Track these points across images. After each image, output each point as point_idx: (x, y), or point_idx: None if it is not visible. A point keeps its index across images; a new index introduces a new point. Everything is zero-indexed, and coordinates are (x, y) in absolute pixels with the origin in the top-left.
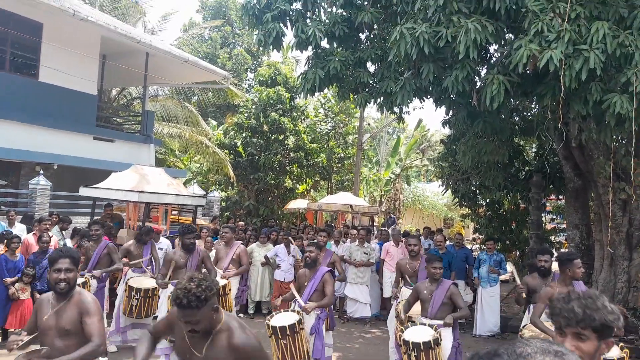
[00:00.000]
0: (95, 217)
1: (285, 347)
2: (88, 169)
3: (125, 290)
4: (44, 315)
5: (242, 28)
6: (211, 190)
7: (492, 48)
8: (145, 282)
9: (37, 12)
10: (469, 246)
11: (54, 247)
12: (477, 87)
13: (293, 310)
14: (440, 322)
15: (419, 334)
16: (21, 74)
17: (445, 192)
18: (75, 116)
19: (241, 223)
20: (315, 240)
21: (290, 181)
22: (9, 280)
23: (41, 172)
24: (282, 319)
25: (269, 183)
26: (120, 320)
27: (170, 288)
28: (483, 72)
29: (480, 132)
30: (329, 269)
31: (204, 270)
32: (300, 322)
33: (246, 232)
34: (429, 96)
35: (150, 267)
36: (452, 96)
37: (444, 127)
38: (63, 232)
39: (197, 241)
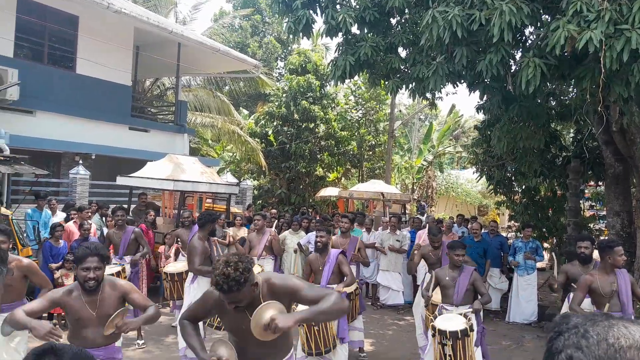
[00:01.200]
0: (131, 206)
1: (318, 332)
2: (124, 158)
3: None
4: (77, 310)
5: (271, 16)
6: (244, 179)
7: (528, 30)
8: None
9: (73, 5)
10: (504, 234)
11: (93, 234)
12: (512, 70)
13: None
14: (466, 307)
15: (451, 322)
16: (59, 67)
17: (479, 179)
18: (111, 107)
19: (273, 211)
20: (326, 226)
21: (321, 169)
22: (54, 265)
23: (80, 162)
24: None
25: (300, 171)
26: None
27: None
28: (518, 55)
29: (515, 117)
30: (341, 250)
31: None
32: None
33: (279, 219)
34: (462, 81)
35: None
36: (486, 80)
37: (477, 113)
38: (103, 218)
39: (231, 228)
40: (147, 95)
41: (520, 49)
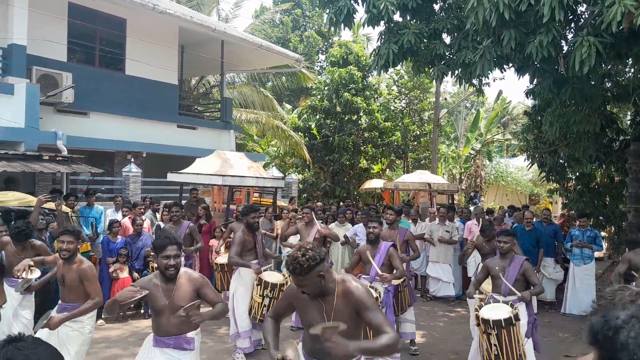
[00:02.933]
0: (182, 201)
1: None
2: (173, 155)
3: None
4: (155, 297)
5: (312, 10)
6: (289, 173)
7: (580, 8)
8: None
9: (121, 9)
10: (557, 222)
11: (147, 229)
12: (564, 51)
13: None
14: (515, 297)
15: (496, 311)
16: (110, 69)
17: (530, 167)
18: (160, 106)
19: (319, 204)
20: (379, 217)
21: (365, 161)
22: (110, 260)
23: (132, 160)
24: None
25: (344, 164)
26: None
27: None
28: (570, 35)
29: (568, 100)
30: (392, 242)
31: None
32: (376, 299)
33: (325, 212)
34: (510, 65)
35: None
36: (536, 63)
37: (527, 98)
38: (156, 213)
39: (278, 221)
40: (193, 93)
41: (573, 28)
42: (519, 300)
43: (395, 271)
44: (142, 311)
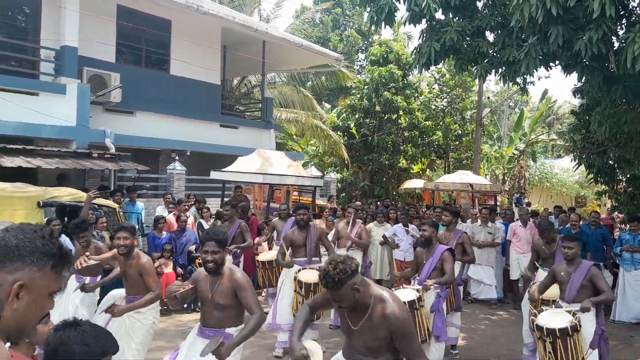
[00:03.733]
0: (226, 199)
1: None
2: (216, 154)
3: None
4: (202, 288)
5: (352, 9)
6: (327, 172)
7: (633, 3)
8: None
9: (166, 10)
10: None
11: (191, 226)
12: (614, 48)
13: (413, 288)
14: (579, 306)
15: (554, 319)
16: (155, 69)
17: (577, 168)
18: (203, 106)
19: (358, 203)
20: (432, 219)
21: (404, 161)
22: (155, 255)
23: (176, 158)
24: (401, 295)
25: (383, 163)
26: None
27: (295, 268)
28: (622, 31)
29: (618, 99)
30: (448, 247)
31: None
32: (420, 299)
33: (364, 211)
34: (557, 62)
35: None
36: (585, 60)
37: (574, 96)
38: (200, 211)
39: (317, 220)
40: (235, 93)
41: (624, 24)
42: (580, 310)
43: (444, 276)
44: (185, 305)
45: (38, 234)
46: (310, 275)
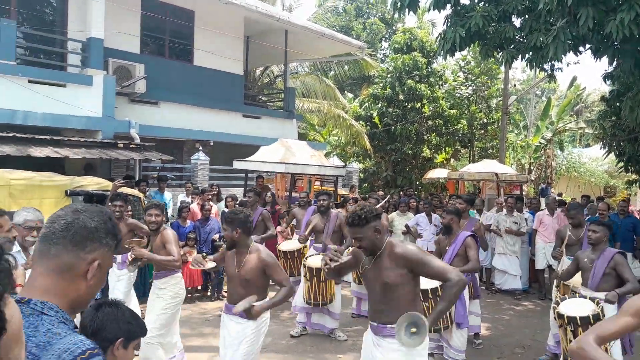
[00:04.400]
0: (249, 187)
1: (428, 310)
2: (239, 144)
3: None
4: (228, 264)
5: None
6: (350, 162)
7: None
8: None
9: (189, 1)
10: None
11: (215, 215)
12: None
13: None
14: (602, 295)
15: (577, 307)
16: (179, 60)
17: (606, 156)
18: (226, 96)
19: (380, 193)
20: (450, 207)
21: (428, 150)
22: (180, 243)
23: (200, 148)
24: (425, 282)
25: (406, 153)
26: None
27: (311, 251)
28: None
29: None
30: (471, 233)
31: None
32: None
33: (378, 202)
34: (586, 47)
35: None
36: (616, 44)
37: (605, 82)
38: (219, 202)
39: (340, 210)
40: (258, 83)
41: None
42: (605, 301)
43: (468, 263)
44: (208, 293)
45: (107, 216)
46: (317, 261)
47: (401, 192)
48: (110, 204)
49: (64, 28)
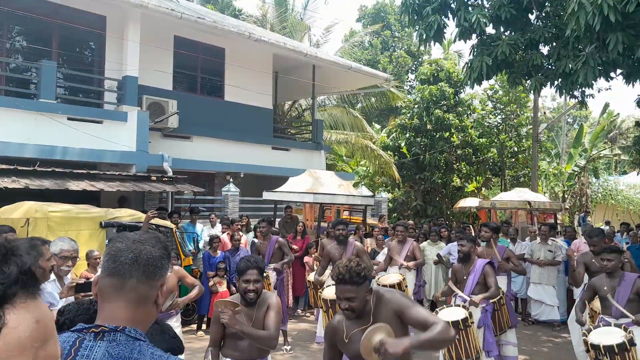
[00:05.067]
0: (277, 219)
1: (459, 342)
2: (268, 175)
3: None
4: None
5: (401, 30)
6: (378, 192)
7: None
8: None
9: (220, 39)
10: None
11: (244, 245)
12: None
13: (457, 305)
14: (628, 319)
15: (607, 335)
16: (210, 96)
17: None
18: (256, 129)
19: (410, 222)
20: (467, 234)
21: (458, 179)
22: (210, 274)
23: (231, 180)
24: (450, 314)
25: (436, 182)
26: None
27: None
28: None
29: None
30: (488, 260)
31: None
32: (467, 318)
33: (416, 230)
34: (617, 72)
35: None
36: None
37: (638, 107)
38: (248, 232)
39: (368, 240)
40: (286, 116)
41: None
42: (633, 324)
43: (490, 290)
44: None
45: (164, 241)
46: (332, 292)
47: (431, 222)
48: None
49: (101, 67)
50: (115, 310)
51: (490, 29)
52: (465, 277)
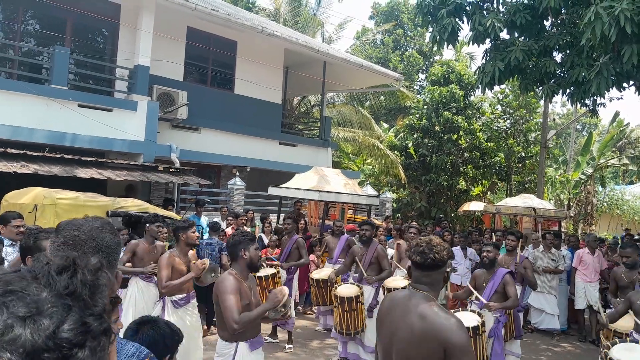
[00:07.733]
0: (282, 215)
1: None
2: (274, 170)
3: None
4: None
5: (413, 30)
6: (383, 192)
7: None
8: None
9: (233, 32)
10: None
11: None
12: None
13: (472, 311)
14: None
15: (631, 352)
16: (220, 88)
17: None
18: (264, 124)
19: (414, 224)
20: (494, 241)
21: (464, 182)
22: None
23: (237, 173)
24: (463, 319)
25: (441, 184)
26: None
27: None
28: None
29: None
30: (510, 269)
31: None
32: (482, 325)
33: (420, 233)
34: (630, 83)
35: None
36: None
37: None
38: (252, 226)
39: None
40: (295, 112)
41: None
42: None
43: (508, 300)
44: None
45: (115, 229)
46: (347, 290)
47: (437, 227)
48: (153, 225)
49: (113, 56)
50: None
51: (504, 34)
52: (484, 284)
